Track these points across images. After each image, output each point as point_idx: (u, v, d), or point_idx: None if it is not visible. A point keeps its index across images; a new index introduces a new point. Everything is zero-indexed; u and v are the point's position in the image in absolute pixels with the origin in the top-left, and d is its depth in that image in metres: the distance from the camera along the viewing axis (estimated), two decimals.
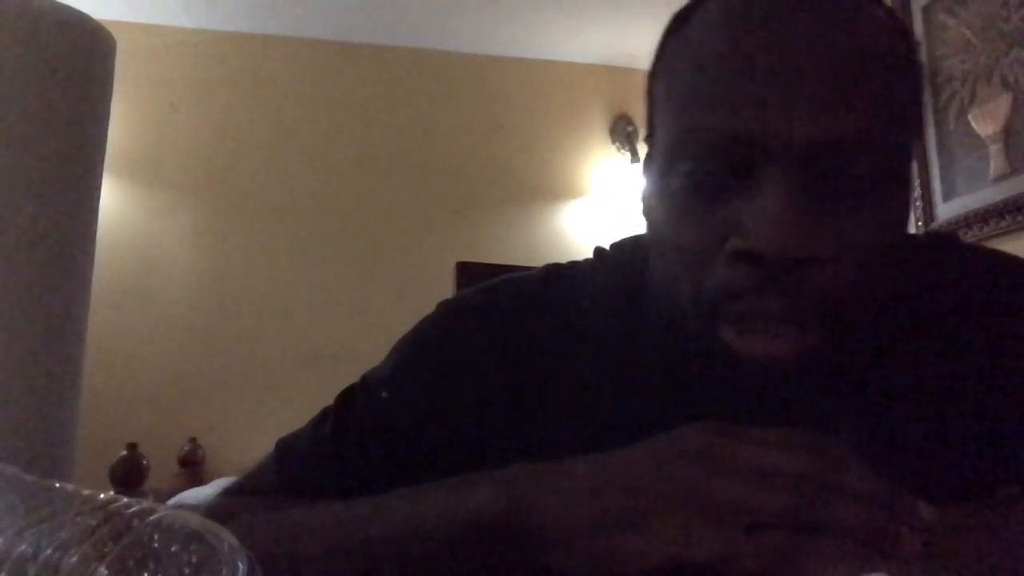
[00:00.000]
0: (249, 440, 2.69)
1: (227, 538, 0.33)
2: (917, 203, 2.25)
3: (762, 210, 0.47)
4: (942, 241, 0.63)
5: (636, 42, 3.12)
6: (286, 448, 0.67)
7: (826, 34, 0.49)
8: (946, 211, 2.20)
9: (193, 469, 2.74)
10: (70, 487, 0.34)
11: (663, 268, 0.55)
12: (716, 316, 0.50)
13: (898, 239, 0.52)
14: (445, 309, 0.66)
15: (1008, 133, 2.05)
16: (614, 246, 0.68)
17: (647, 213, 0.59)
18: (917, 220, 2.26)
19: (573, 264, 0.68)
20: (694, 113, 0.50)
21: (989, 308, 0.59)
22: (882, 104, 0.49)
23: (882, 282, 0.50)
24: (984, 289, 0.59)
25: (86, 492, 0.34)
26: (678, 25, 0.55)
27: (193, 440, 2.79)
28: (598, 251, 0.69)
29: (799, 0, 0.50)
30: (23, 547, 0.31)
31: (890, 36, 0.52)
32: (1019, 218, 2.04)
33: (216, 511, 0.62)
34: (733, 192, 0.49)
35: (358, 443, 0.63)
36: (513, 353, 0.61)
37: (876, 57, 0.50)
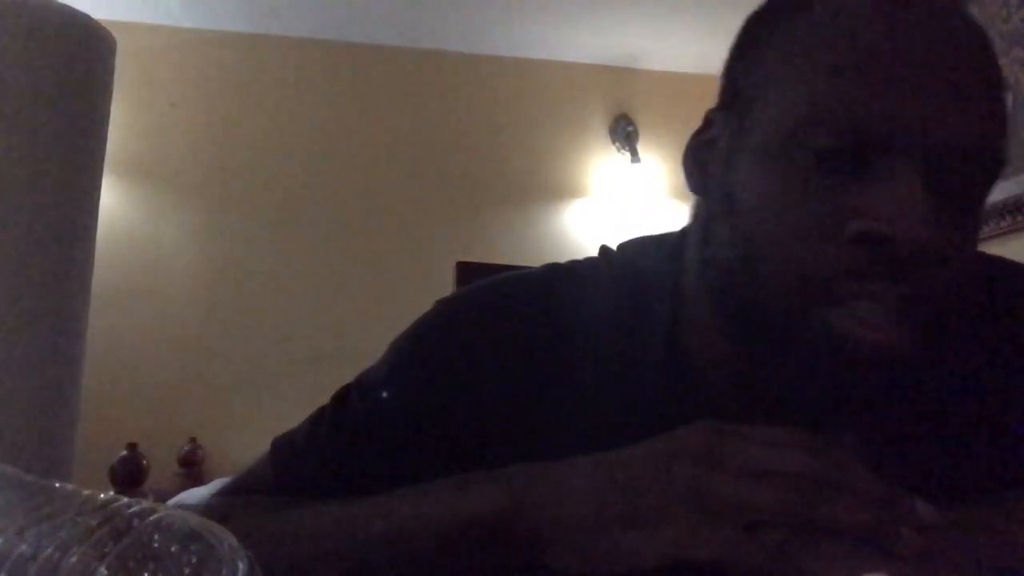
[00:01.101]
0: (249, 440, 2.67)
1: (227, 538, 0.33)
2: None
3: (897, 195, 0.47)
4: None
5: (636, 42, 3.12)
6: (282, 448, 0.66)
7: (962, 38, 0.51)
8: None
9: (193, 469, 2.74)
10: (70, 487, 0.34)
11: (743, 248, 0.52)
12: (818, 298, 0.49)
13: (975, 248, 0.53)
14: (442, 308, 0.66)
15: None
16: (620, 246, 0.68)
17: (722, 191, 0.55)
18: None
19: (574, 263, 0.67)
20: (837, 92, 0.49)
21: (991, 312, 0.59)
22: (1002, 113, 0.51)
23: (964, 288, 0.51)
24: (985, 293, 0.60)
25: (86, 492, 0.34)
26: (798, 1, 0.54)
27: (193, 440, 2.79)
28: (603, 250, 0.68)
29: (933, 5, 0.51)
30: (23, 547, 0.31)
31: (992, 47, 0.53)
32: (1019, 218, 2.04)
33: (212, 511, 0.62)
34: (857, 175, 0.49)
35: (355, 443, 0.62)
36: (512, 351, 0.61)
37: (996, 65, 0.52)
